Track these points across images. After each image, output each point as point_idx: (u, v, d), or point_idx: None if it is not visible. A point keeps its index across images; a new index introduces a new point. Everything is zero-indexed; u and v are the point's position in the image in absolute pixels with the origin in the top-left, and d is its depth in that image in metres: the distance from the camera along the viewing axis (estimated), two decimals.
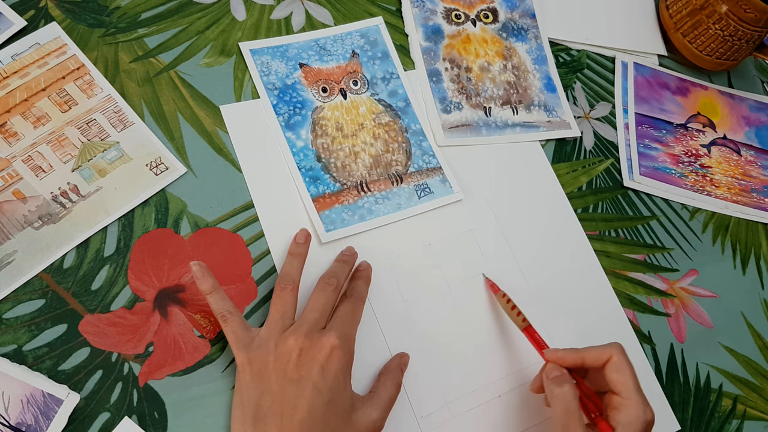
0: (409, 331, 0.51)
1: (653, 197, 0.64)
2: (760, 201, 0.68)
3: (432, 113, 0.60)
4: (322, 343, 0.44)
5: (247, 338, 0.45)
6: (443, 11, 0.66)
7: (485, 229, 0.57)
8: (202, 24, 0.58)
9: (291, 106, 0.57)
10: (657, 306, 0.59)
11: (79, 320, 0.46)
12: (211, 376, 0.46)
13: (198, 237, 0.50)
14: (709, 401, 0.56)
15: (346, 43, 0.61)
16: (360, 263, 0.52)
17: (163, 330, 0.47)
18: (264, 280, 0.50)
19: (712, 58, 0.71)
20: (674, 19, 0.72)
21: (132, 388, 0.45)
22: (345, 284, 0.50)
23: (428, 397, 0.50)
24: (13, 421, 0.42)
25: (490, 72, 0.64)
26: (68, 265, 0.48)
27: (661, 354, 0.57)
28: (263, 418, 0.42)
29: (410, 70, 0.62)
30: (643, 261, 0.60)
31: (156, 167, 0.52)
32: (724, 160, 0.69)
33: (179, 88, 0.55)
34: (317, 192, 0.54)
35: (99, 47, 0.55)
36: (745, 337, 0.60)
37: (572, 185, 0.62)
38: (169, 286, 0.48)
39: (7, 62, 0.52)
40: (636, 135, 0.67)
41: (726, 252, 0.64)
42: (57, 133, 0.51)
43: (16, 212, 0.48)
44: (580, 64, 0.69)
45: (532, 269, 0.56)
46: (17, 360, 0.44)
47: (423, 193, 0.56)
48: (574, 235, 0.59)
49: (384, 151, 0.57)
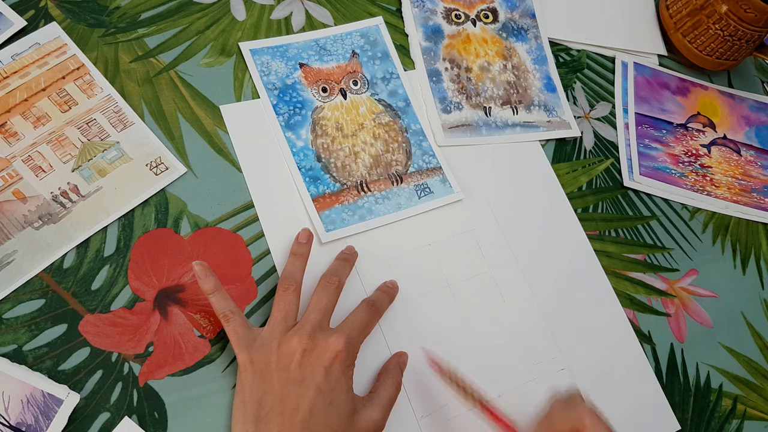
0: (409, 331, 0.51)
1: (653, 197, 0.64)
2: (760, 201, 0.68)
3: (432, 113, 0.60)
4: (328, 345, 0.44)
5: (250, 338, 0.45)
6: (443, 11, 0.66)
7: (485, 229, 0.57)
8: (202, 24, 0.58)
9: (291, 106, 0.57)
10: (657, 306, 0.59)
11: (79, 320, 0.46)
12: (211, 376, 0.46)
13: (198, 237, 0.50)
14: (709, 401, 0.56)
15: (346, 43, 0.61)
16: (390, 281, 0.52)
17: (163, 330, 0.47)
18: (264, 280, 0.50)
19: (712, 58, 0.71)
20: (674, 19, 0.72)
21: (132, 388, 0.45)
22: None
23: (428, 397, 0.50)
24: (13, 421, 0.42)
25: (490, 72, 0.64)
26: (68, 265, 0.48)
27: (661, 354, 0.57)
28: (264, 418, 0.42)
29: (410, 70, 0.62)
30: (643, 261, 0.60)
31: (156, 167, 0.52)
32: (724, 160, 0.69)
33: (179, 88, 0.55)
34: (317, 192, 0.54)
35: (99, 47, 0.55)
36: (745, 337, 0.60)
37: (572, 185, 0.62)
38: (169, 286, 0.48)
39: (7, 62, 0.52)
40: (636, 135, 0.67)
41: (726, 252, 0.64)
42: (57, 133, 0.51)
43: (16, 212, 0.48)
44: (580, 64, 0.69)
45: (532, 269, 0.56)
46: (17, 360, 0.44)
47: (423, 193, 0.56)
48: (574, 235, 0.59)
49: (384, 151, 0.57)
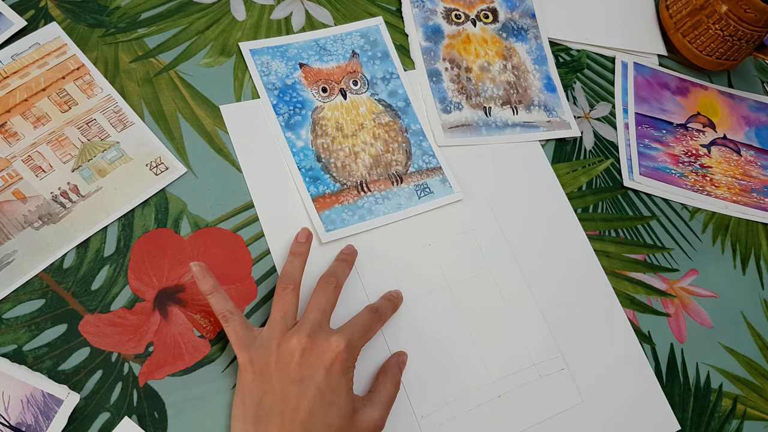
0: (409, 330, 0.51)
1: (653, 197, 0.64)
2: (760, 201, 0.68)
3: (432, 113, 0.60)
4: (329, 345, 0.44)
5: (249, 338, 0.45)
6: (443, 11, 0.66)
7: (485, 229, 0.57)
8: (202, 24, 0.58)
9: (291, 106, 0.57)
10: (657, 306, 0.59)
11: (79, 320, 0.46)
12: (211, 376, 0.46)
13: (198, 237, 0.50)
14: (709, 401, 0.56)
15: (346, 43, 0.61)
16: (395, 290, 0.52)
17: (163, 330, 0.47)
18: (264, 280, 0.50)
19: (712, 58, 0.71)
20: (674, 19, 0.72)
21: (132, 388, 0.45)
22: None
23: (428, 397, 0.50)
24: (13, 421, 0.42)
25: (490, 72, 0.64)
26: (68, 265, 0.48)
27: (661, 354, 0.57)
28: (264, 418, 0.42)
29: (410, 70, 0.62)
30: (643, 261, 0.60)
31: (156, 167, 0.52)
32: (724, 160, 0.69)
33: (179, 88, 0.55)
34: (317, 192, 0.54)
35: (99, 47, 0.55)
36: (745, 337, 0.60)
37: (572, 185, 0.62)
38: (169, 286, 0.48)
39: (7, 62, 0.52)
40: (636, 135, 0.67)
41: (726, 252, 0.64)
42: (57, 133, 0.51)
43: (16, 212, 0.48)
44: (580, 64, 0.69)
45: (531, 269, 0.56)
46: (17, 360, 0.44)
47: (423, 193, 0.56)
48: (574, 235, 0.59)
49: (384, 151, 0.57)
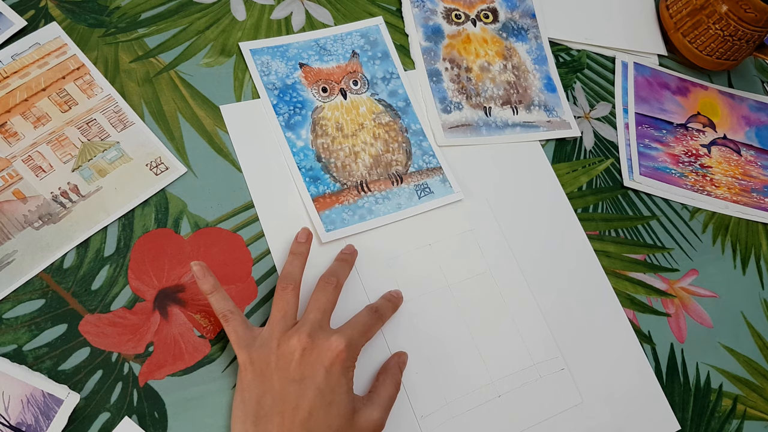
0: (409, 331, 0.51)
1: (653, 197, 0.64)
2: (760, 201, 0.68)
3: (432, 113, 0.60)
4: (329, 344, 0.44)
5: (249, 338, 0.45)
6: (443, 11, 0.66)
7: (485, 229, 0.57)
8: (202, 24, 0.58)
9: (291, 106, 0.57)
10: (657, 306, 0.59)
11: (79, 320, 0.46)
12: (212, 376, 0.46)
13: (198, 237, 0.50)
14: (709, 401, 0.56)
15: (346, 43, 0.61)
16: (395, 290, 0.52)
17: (163, 330, 0.47)
18: (264, 280, 0.50)
19: (712, 58, 0.71)
20: (674, 19, 0.72)
21: (132, 388, 0.45)
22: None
23: (428, 397, 0.50)
24: (13, 421, 0.42)
25: (490, 72, 0.64)
26: (68, 265, 0.48)
27: (661, 354, 0.57)
28: (264, 418, 0.42)
29: (410, 70, 0.62)
30: (643, 261, 0.60)
31: (156, 167, 0.52)
32: (724, 160, 0.69)
33: (179, 88, 0.55)
34: (317, 192, 0.54)
35: (99, 47, 0.55)
36: (745, 337, 0.60)
37: (572, 185, 0.62)
38: (169, 286, 0.48)
39: (7, 62, 0.52)
40: (636, 135, 0.67)
41: (726, 252, 0.64)
42: (57, 133, 0.51)
43: (16, 212, 0.48)
44: (580, 64, 0.69)
45: (532, 269, 0.56)
46: (17, 360, 0.44)
47: (423, 193, 0.56)
48: (574, 235, 0.59)
49: (384, 151, 0.57)
